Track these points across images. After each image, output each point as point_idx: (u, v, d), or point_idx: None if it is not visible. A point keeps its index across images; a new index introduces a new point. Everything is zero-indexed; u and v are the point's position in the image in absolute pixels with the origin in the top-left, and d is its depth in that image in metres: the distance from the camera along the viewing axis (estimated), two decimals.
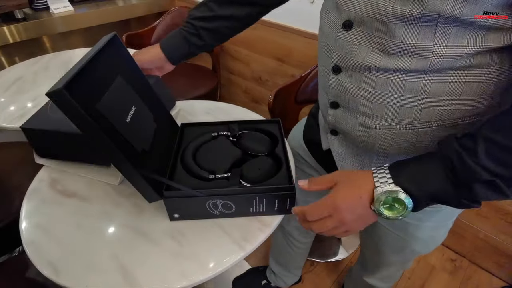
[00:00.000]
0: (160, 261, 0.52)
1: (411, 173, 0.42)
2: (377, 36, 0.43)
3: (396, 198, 0.41)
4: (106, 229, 0.58)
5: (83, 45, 1.79)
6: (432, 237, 0.67)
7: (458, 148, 0.38)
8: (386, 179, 0.42)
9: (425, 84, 0.43)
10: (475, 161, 0.37)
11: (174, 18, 1.84)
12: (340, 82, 0.50)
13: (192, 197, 0.54)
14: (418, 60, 0.42)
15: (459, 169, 0.38)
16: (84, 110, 0.43)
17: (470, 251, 1.36)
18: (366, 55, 0.45)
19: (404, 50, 0.42)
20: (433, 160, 0.41)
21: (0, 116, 0.94)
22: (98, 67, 0.50)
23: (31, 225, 0.59)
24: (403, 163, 0.43)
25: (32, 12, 1.59)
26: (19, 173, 1.04)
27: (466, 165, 0.37)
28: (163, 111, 0.69)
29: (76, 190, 0.66)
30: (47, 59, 1.30)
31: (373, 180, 0.43)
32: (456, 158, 0.38)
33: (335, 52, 0.49)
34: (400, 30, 0.41)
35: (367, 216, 0.45)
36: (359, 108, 0.50)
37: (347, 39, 0.46)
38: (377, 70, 0.45)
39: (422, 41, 0.40)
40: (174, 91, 1.70)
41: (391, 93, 0.46)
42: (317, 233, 1.04)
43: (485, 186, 0.38)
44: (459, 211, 0.64)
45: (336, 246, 1.43)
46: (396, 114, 0.47)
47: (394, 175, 0.42)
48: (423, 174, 0.41)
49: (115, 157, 0.49)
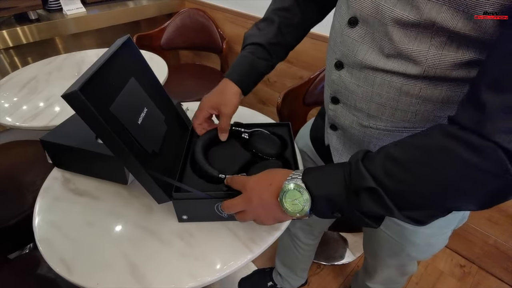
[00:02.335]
0: (169, 260, 0.53)
1: (318, 174, 0.45)
2: (377, 36, 0.44)
3: (298, 191, 0.44)
4: (116, 228, 0.59)
5: (94, 46, 1.83)
6: (429, 244, 0.66)
7: (361, 156, 0.41)
8: (297, 175, 0.45)
9: (420, 89, 0.44)
10: (367, 167, 0.39)
11: (183, 19, 1.86)
12: (342, 78, 0.51)
13: (200, 199, 0.54)
14: (413, 65, 0.42)
15: (353, 173, 0.40)
16: (98, 112, 0.44)
17: (479, 257, 1.34)
18: (366, 53, 0.46)
19: (400, 54, 0.42)
20: (340, 166, 0.43)
21: (14, 115, 0.96)
22: (112, 70, 0.51)
23: (44, 223, 0.60)
24: (320, 167, 0.47)
25: (45, 13, 1.62)
26: (31, 171, 1.07)
27: (359, 170, 0.40)
28: (174, 113, 0.70)
29: (88, 189, 0.67)
30: (60, 60, 1.33)
31: (287, 175, 0.46)
32: (354, 163, 0.41)
33: (339, 48, 0.50)
34: (397, 34, 0.41)
35: (274, 207, 0.47)
36: (357, 106, 0.51)
37: (351, 36, 0.47)
38: (376, 70, 0.46)
39: (418, 47, 0.41)
40: (183, 92, 1.72)
41: (388, 94, 0.46)
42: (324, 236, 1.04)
43: (368, 195, 0.39)
44: (457, 220, 0.64)
45: (342, 249, 1.42)
46: (391, 115, 0.48)
47: (305, 173, 0.45)
48: (327, 176, 0.44)
49: (125, 158, 0.50)
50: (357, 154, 0.42)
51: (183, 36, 1.88)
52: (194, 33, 1.87)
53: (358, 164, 0.40)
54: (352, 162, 0.41)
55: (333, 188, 0.42)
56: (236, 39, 1.81)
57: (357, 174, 0.40)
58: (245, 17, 1.67)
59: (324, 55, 0.62)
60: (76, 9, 1.62)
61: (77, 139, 0.66)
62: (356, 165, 0.40)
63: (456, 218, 0.63)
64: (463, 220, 0.65)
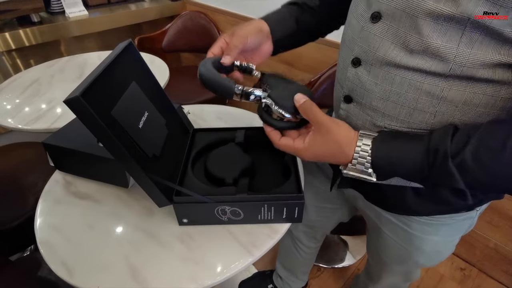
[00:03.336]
0: (170, 264, 0.53)
1: (390, 154, 0.44)
2: (402, 31, 0.42)
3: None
4: (117, 231, 0.60)
5: (96, 48, 1.83)
6: (437, 252, 0.65)
7: (449, 146, 0.39)
8: (364, 159, 0.44)
9: (443, 89, 0.42)
10: (457, 164, 0.38)
11: (185, 22, 1.87)
12: (358, 75, 0.50)
13: (201, 203, 0.55)
14: (439, 63, 0.41)
15: (437, 168, 0.40)
16: (99, 117, 0.44)
17: (480, 260, 1.34)
18: (388, 49, 0.44)
19: (426, 49, 0.41)
20: (421, 150, 0.42)
21: (17, 117, 0.97)
22: (114, 74, 0.52)
23: (46, 225, 0.61)
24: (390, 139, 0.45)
25: (48, 15, 1.63)
26: (33, 173, 1.07)
27: (447, 169, 0.39)
28: (175, 116, 0.70)
29: (89, 192, 0.68)
30: (63, 62, 1.34)
31: (352, 159, 0.45)
32: (440, 158, 0.39)
33: (358, 44, 0.49)
34: (427, 28, 0.40)
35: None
36: (373, 104, 0.49)
37: (373, 31, 0.46)
38: (397, 67, 0.44)
39: (447, 43, 0.39)
40: (184, 94, 1.72)
41: (407, 93, 0.45)
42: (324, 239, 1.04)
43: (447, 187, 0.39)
44: (466, 227, 0.62)
45: (343, 252, 1.42)
46: (408, 116, 0.46)
47: (374, 159, 0.44)
48: (402, 160, 0.43)
49: (126, 162, 0.50)
50: (443, 139, 0.40)
51: (184, 39, 1.89)
52: (195, 36, 1.88)
53: (446, 160, 0.39)
54: (439, 154, 0.40)
55: (406, 173, 0.43)
56: None
57: (442, 170, 0.39)
58: (246, 19, 1.66)
59: (326, 58, 0.63)
60: (78, 12, 1.64)
61: (79, 142, 0.66)
62: (444, 161, 0.39)
63: (466, 225, 0.62)
64: (471, 227, 0.64)
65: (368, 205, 0.66)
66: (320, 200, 0.82)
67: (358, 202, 0.69)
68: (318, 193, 0.80)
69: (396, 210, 0.61)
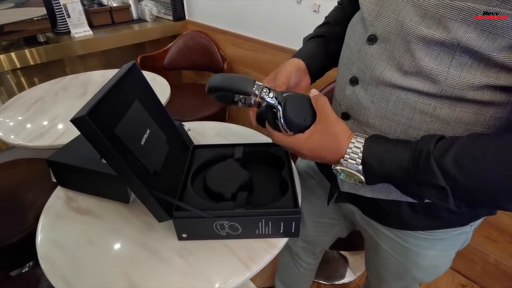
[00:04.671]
0: (168, 279, 0.54)
1: (379, 155, 0.45)
2: (397, 53, 0.45)
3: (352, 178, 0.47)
4: (117, 246, 0.61)
5: (99, 67, 1.88)
6: (434, 266, 0.66)
7: (432, 146, 0.41)
8: (355, 157, 0.46)
9: (435, 108, 0.45)
10: (439, 163, 0.39)
11: (186, 41, 1.93)
12: (355, 93, 0.52)
13: (200, 218, 0.56)
14: (431, 84, 0.43)
15: (422, 166, 0.41)
16: (103, 135, 0.46)
17: (480, 276, 1.33)
18: (384, 69, 0.47)
19: (419, 71, 0.43)
20: (407, 149, 0.43)
21: (20, 134, 0.99)
22: (118, 94, 0.54)
23: (47, 241, 0.62)
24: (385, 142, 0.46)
25: (54, 36, 1.68)
26: (35, 189, 1.08)
27: (429, 165, 0.40)
28: (176, 133, 0.72)
29: (90, 207, 0.69)
30: (67, 80, 1.37)
31: (345, 154, 0.47)
32: (424, 156, 0.41)
33: (355, 64, 0.51)
34: (420, 51, 0.42)
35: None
36: (369, 122, 0.52)
37: (369, 53, 0.49)
38: (392, 87, 0.47)
39: (438, 66, 0.42)
40: (183, 111, 1.75)
41: (402, 111, 0.47)
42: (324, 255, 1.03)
43: (432, 188, 0.40)
44: (461, 242, 0.63)
45: (343, 268, 1.41)
46: (404, 133, 0.49)
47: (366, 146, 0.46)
48: (389, 159, 0.44)
49: (128, 178, 0.52)
50: (428, 142, 0.41)
51: (185, 57, 1.94)
52: (196, 54, 1.93)
53: (429, 158, 0.40)
54: (423, 153, 0.41)
55: (393, 172, 0.44)
56: (237, 59, 1.86)
57: (425, 168, 0.40)
58: (245, 39, 1.73)
59: (324, 76, 0.66)
60: (83, 32, 1.69)
61: (82, 159, 0.68)
62: (427, 159, 0.40)
63: (461, 240, 0.63)
64: (466, 242, 0.65)
65: (365, 220, 0.67)
66: (318, 215, 0.83)
67: (355, 217, 0.70)
68: (316, 208, 0.81)
69: (392, 224, 0.62)
